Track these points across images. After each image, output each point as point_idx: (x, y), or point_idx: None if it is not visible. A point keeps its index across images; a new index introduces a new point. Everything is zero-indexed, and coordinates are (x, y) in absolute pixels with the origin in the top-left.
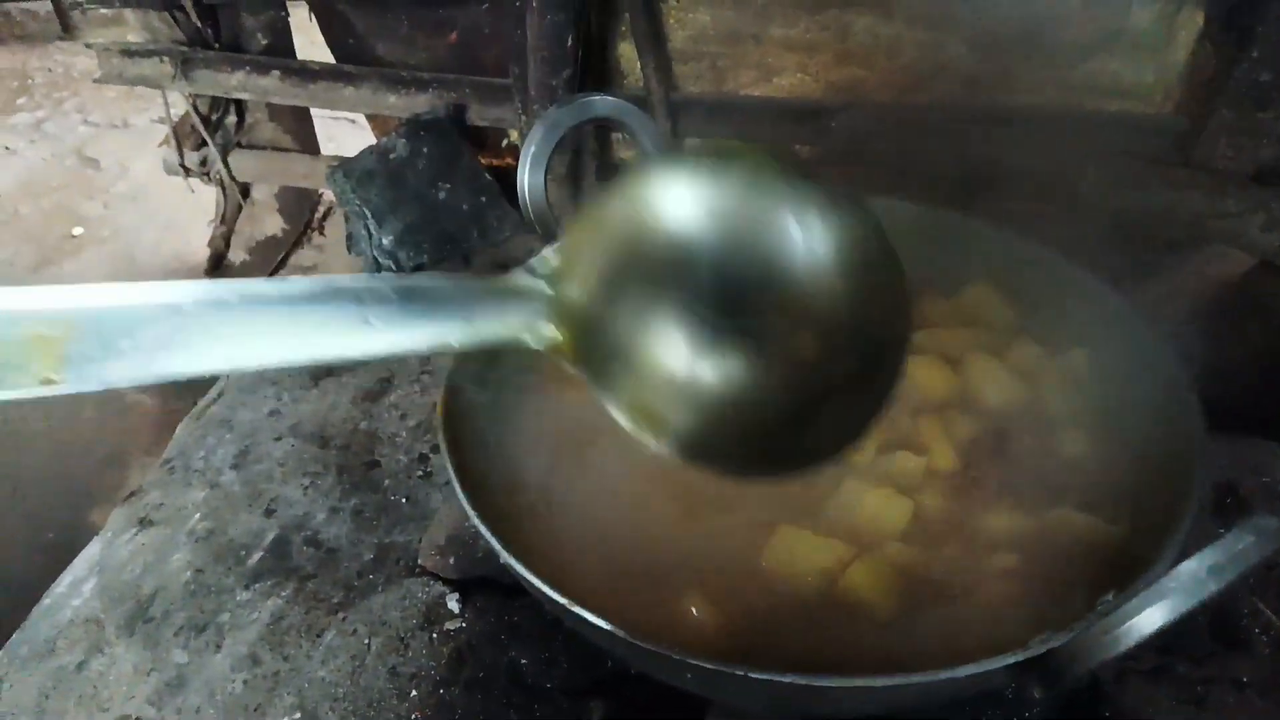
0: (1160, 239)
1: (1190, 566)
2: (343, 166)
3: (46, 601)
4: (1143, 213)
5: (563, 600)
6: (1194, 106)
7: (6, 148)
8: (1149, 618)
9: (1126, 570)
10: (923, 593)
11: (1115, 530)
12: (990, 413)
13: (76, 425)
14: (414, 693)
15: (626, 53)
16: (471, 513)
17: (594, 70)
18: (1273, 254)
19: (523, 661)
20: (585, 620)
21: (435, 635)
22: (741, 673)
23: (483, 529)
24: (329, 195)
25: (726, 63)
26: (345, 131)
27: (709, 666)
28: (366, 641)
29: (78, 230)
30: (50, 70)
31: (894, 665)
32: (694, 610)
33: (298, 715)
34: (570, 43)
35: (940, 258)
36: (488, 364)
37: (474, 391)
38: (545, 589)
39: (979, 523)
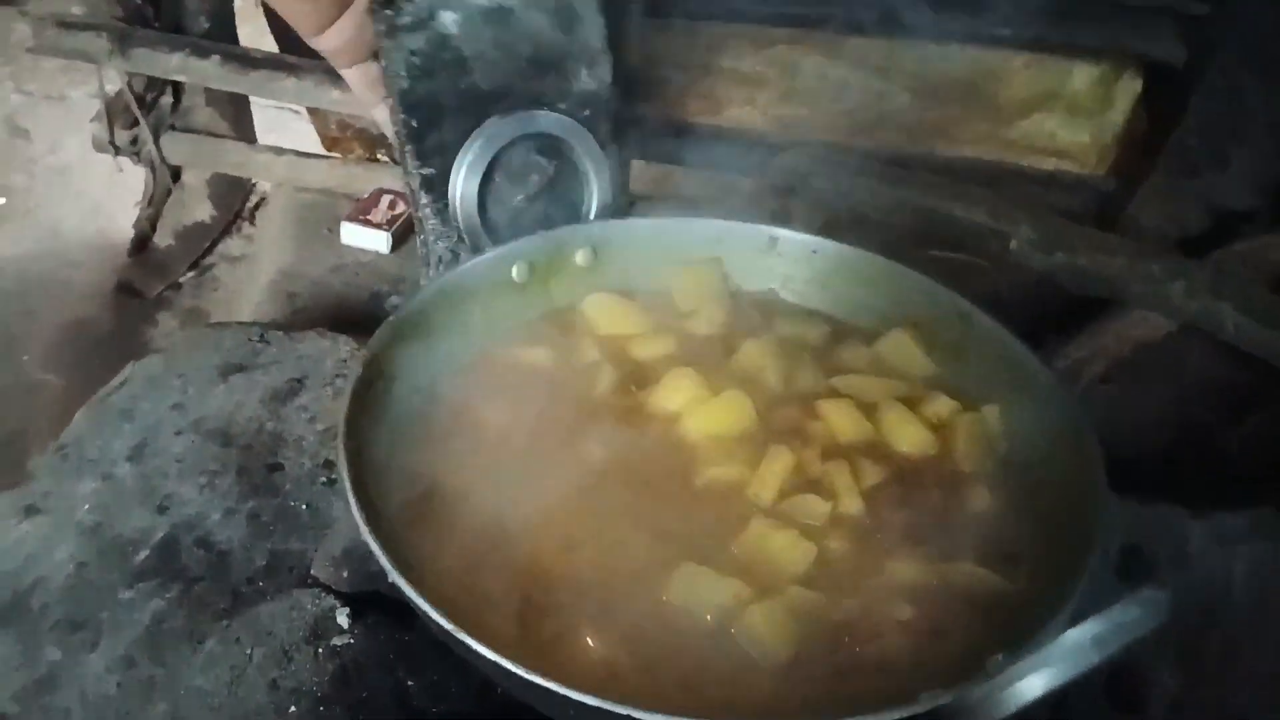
0: (1085, 299)
1: (1074, 635)
2: None
3: None
4: (1069, 272)
5: (448, 625)
6: (1126, 170)
7: None
8: (1031, 684)
9: (1023, 629)
10: (819, 639)
11: (1014, 588)
12: (899, 461)
13: None
14: (293, 708)
15: None
16: (364, 526)
17: None
18: (1193, 320)
19: (410, 683)
20: (467, 647)
21: (321, 650)
22: (624, 712)
23: (373, 544)
24: (262, 185)
25: (675, 90)
26: (288, 121)
27: (591, 704)
28: (249, 652)
29: (0, 200)
30: None
31: (785, 711)
32: (590, 642)
33: None
34: None
35: (865, 301)
36: (402, 372)
37: (384, 401)
38: (431, 612)
39: (880, 572)
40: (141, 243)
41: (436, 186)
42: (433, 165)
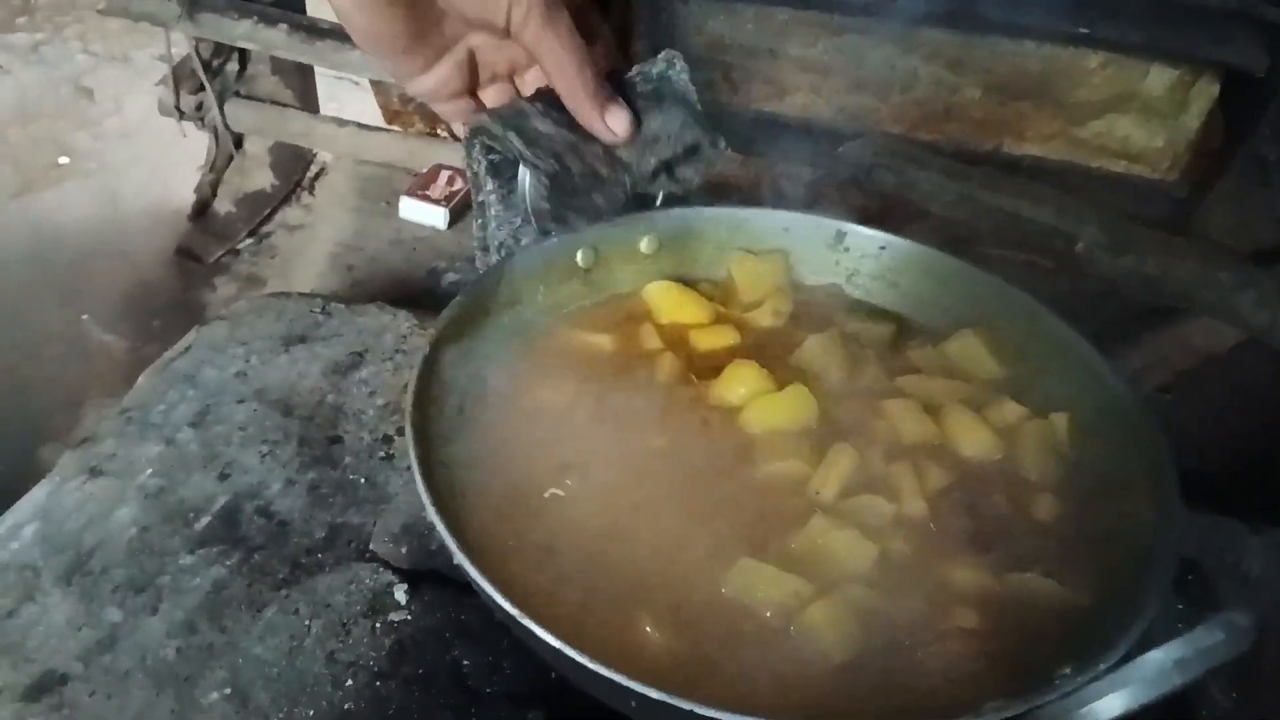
0: (1150, 305)
1: (1157, 657)
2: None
3: None
4: (1136, 276)
5: (513, 610)
6: (1198, 176)
7: (0, 68)
8: (1109, 704)
9: (1087, 643)
10: (879, 639)
11: (1079, 601)
12: (965, 466)
13: (39, 362)
14: (350, 681)
15: (642, 51)
16: (430, 507)
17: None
18: (1262, 332)
19: (465, 662)
20: (533, 633)
21: (379, 625)
22: (687, 707)
23: (440, 525)
24: (322, 155)
25: (740, 74)
26: (348, 92)
27: (654, 696)
28: (307, 623)
29: (64, 160)
30: None
31: (842, 710)
32: (648, 630)
33: (228, 691)
34: None
35: (933, 300)
36: (467, 352)
37: (448, 380)
38: (496, 596)
39: (943, 576)
40: (202, 208)
41: (503, 172)
42: (500, 151)
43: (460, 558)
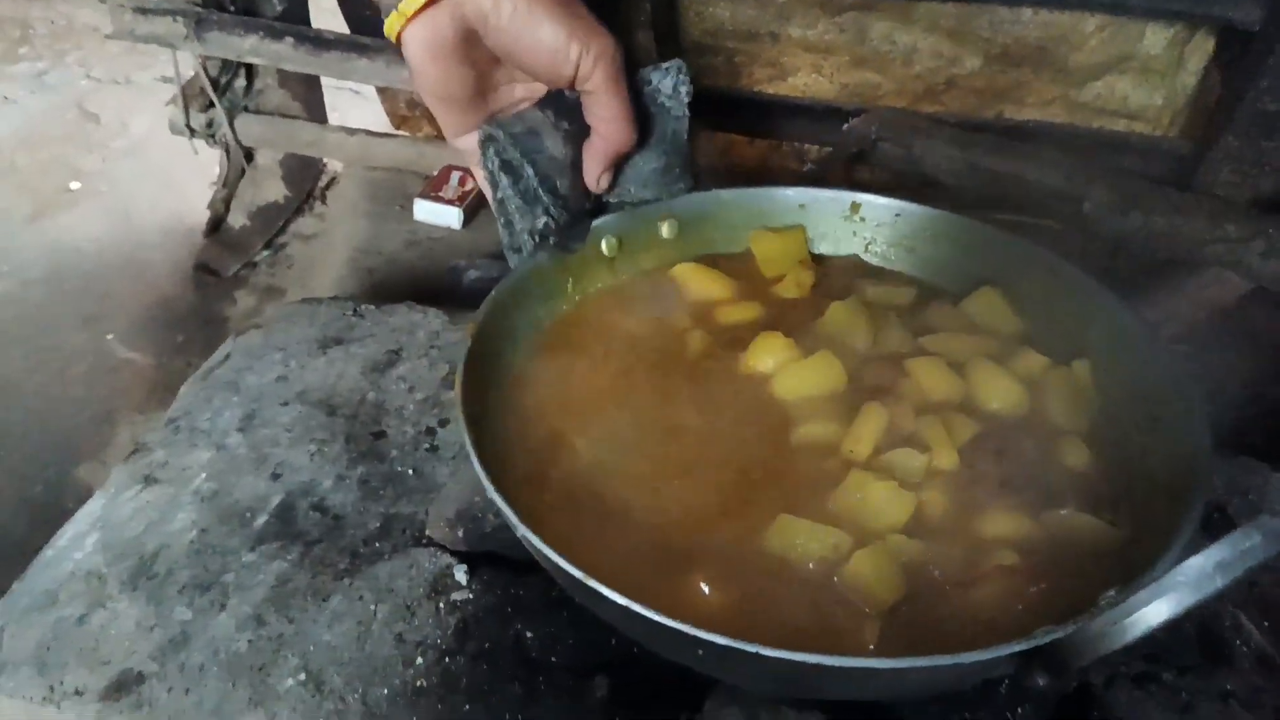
0: (1159, 260)
1: (1198, 562)
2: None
3: (48, 554)
4: (1144, 233)
5: (580, 575)
6: (1199, 131)
7: (5, 98)
8: (1155, 610)
9: (1127, 571)
10: (922, 585)
11: (1117, 532)
12: (993, 417)
13: (66, 380)
14: (420, 660)
15: (644, 41)
16: (490, 487)
17: None
18: (1270, 281)
19: (528, 635)
20: (601, 595)
21: (442, 605)
22: (754, 650)
23: (499, 501)
24: (333, 164)
25: (743, 59)
26: (348, 102)
27: (720, 643)
28: (373, 608)
29: (75, 184)
30: (53, 21)
31: (891, 652)
32: (703, 588)
33: (302, 676)
34: None
35: (950, 261)
36: (506, 342)
37: (491, 369)
38: (565, 565)
39: (980, 521)
40: (216, 223)
41: (517, 169)
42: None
43: (524, 530)
